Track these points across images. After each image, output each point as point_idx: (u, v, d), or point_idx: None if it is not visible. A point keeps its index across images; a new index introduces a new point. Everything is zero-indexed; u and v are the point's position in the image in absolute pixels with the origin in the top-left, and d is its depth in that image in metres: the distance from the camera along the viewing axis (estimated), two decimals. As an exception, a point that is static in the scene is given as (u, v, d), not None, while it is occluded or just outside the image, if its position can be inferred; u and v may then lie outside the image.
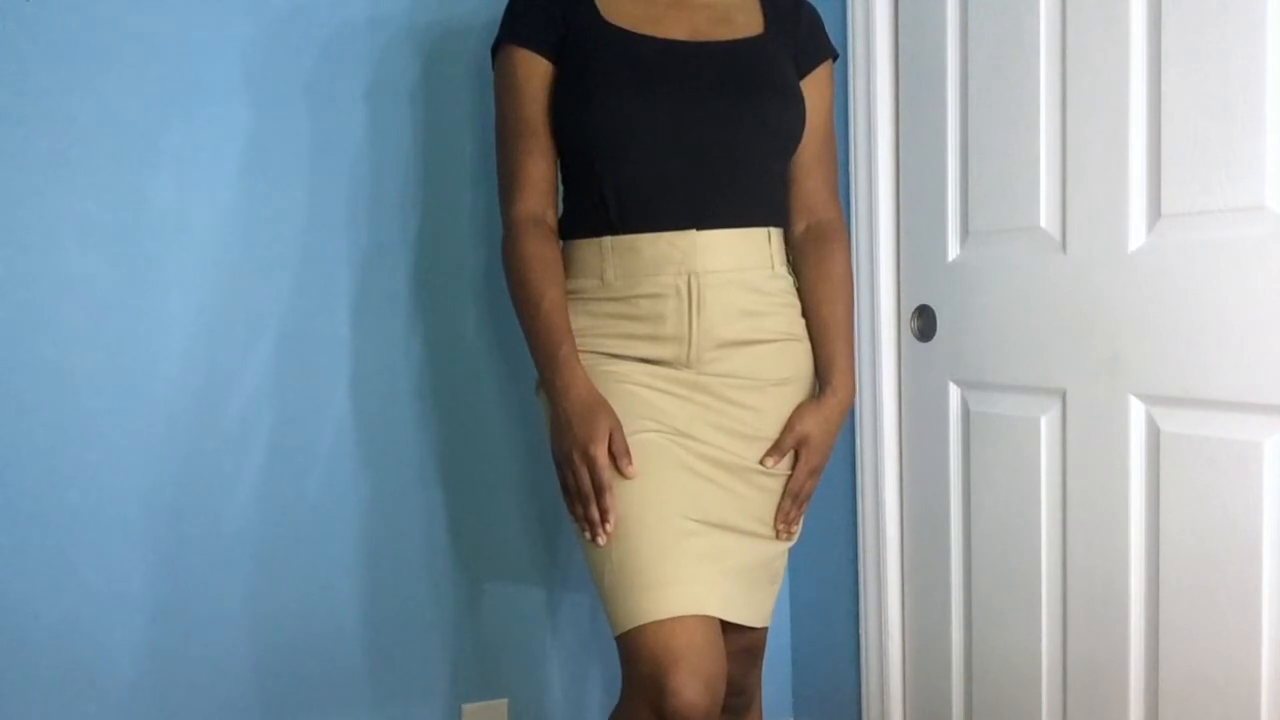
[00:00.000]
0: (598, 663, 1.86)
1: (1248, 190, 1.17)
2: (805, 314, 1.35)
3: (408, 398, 1.70)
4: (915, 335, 1.67)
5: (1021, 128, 1.44)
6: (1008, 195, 1.47)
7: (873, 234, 1.70)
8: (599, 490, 1.17)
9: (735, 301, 1.26)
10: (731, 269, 1.26)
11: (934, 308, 1.63)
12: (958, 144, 1.56)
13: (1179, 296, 1.25)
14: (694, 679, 1.10)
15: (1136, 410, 1.32)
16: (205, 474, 1.60)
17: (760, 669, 1.45)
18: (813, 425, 1.29)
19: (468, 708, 1.76)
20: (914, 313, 1.67)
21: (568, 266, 1.31)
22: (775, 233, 1.32)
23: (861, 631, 1.80)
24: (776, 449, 1.28)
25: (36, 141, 1.48)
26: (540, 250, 1.26)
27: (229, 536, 1.62)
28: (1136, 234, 1.30)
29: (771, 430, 1.29)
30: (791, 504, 1.30)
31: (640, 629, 1.13)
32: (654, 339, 1.25)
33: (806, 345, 1.34)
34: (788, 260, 1.36)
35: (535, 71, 1.28)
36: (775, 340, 1.30)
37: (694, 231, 1.24)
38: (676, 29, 1.28)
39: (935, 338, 1.62)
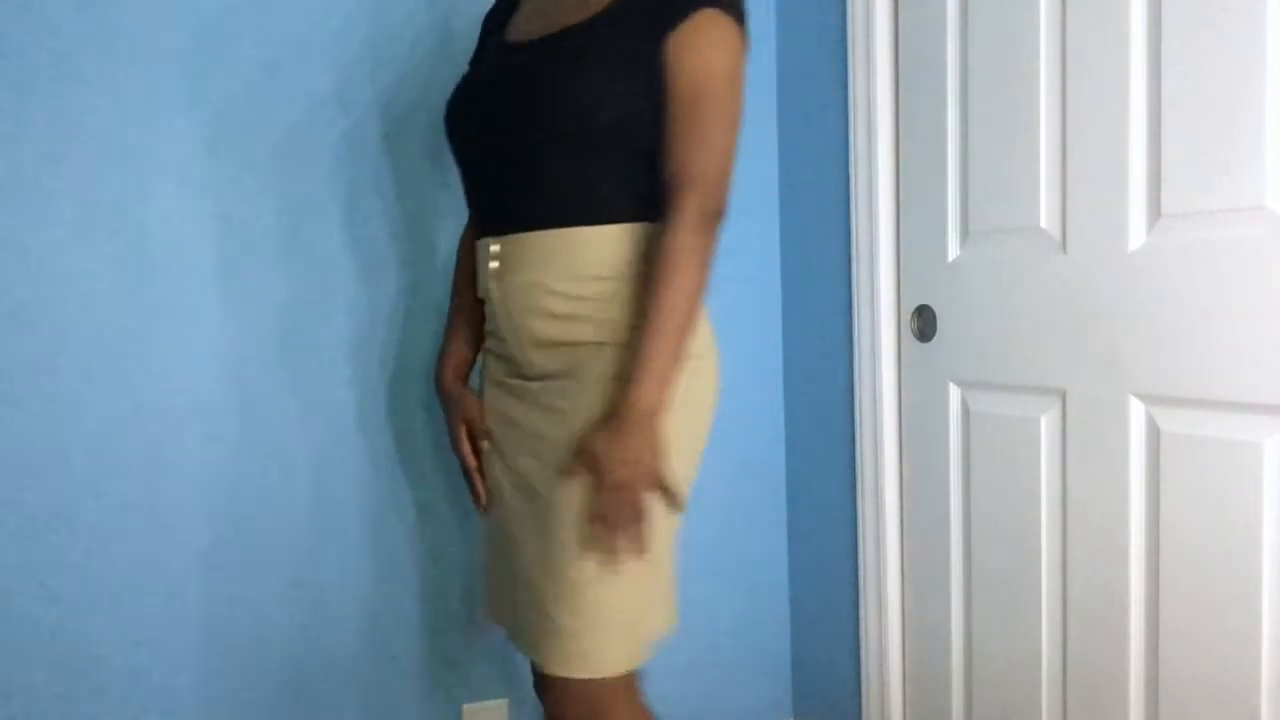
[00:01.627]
0: (598, 663, 1.86)
1: (1248, 190, 1.17)
2: None
3: (408, 397, 1.70)
4: (915, 335, 1.67)
5: (1021, 128, 1.44)
6: (1008, 195, 1.47)
7: (873, 234, 1.70)
8: (466, 472, 1.35)
9: (540, 306, 1.21)
10: (531, 274, 1.20)
11: (934, 308, 1.62)
12: (958, 144, 1.56)
13: (1179, 296, 1.25)
14: None
15: (1136, 410, 1.32)
16: (202, 472, 1.60)
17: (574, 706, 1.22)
18: (598, 442, 1.14)
19: (468, 708, 1.76)
20: (914, 313, 1.67)
21: None
22: (597, 232, 1.19)
23: (861, 631, 1.80)
24: (565, 469, 1.18)
25: (39, 140, 1.48)
26: (464, 252, 1.44)
27: (228, 535, 1.62)
28: (1136, 234, 1.30)
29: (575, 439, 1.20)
30: (596, 527, 1.14)
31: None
32: (495, 335, 1.31)
33: (622, 351, 1.20)
34: (632, 258, 1.22)
35: None
36: (589, 344, 1.21)
37: (502, 237, 1.24)
38: (530, 30, 1.27)
39: (935, 338, 1.62)
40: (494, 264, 1.25)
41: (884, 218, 1.69)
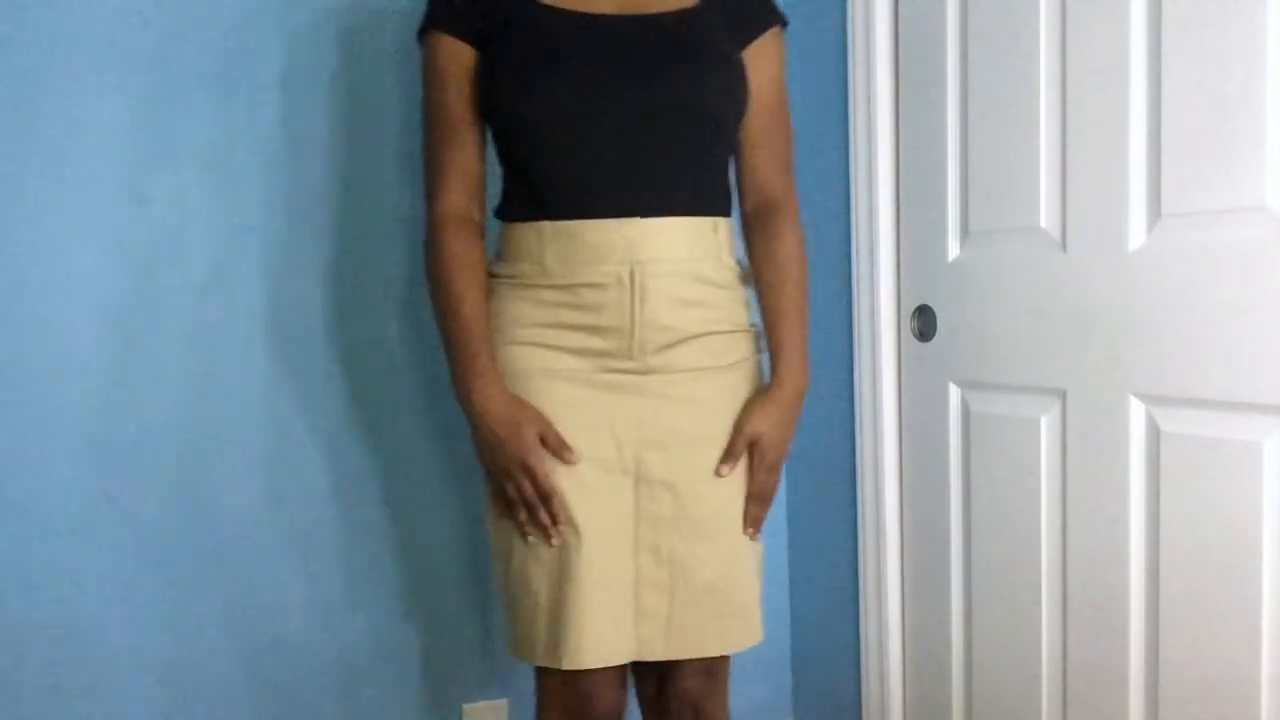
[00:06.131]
0: (598, 663, 1.85)
1: (1248, 190, 1.17)
2: (757, 300, 1.30)
3: (409, 392, 1.70)
4: (915, 335, 1.67)
5: (1021, 128, 1.44)
6: (1008, 195, 1.47)
7: (873, 234, 1.70)
8: (544, 498, 1.17)
9: (680, 292, 1.21)
10: (677, 258, 1.21)
11: (934, 308, 1.63)
12: (958, 144, 1.56)
13: (1179, 296, 1.25)
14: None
15: (1136, 410, 1.32)
16: (205, 470, 1.60)
17: (723, 690, 1.34)
18: (763, 423, 1.24)
19: (468, 708, 1.76)
20: (914, 313, 1.67)
21: (506, 250, 1.26)
22: (722, 222, 1.26)
23: (861, 631, 1.80)
24: (729, 455, 1.23)
25: (35, 140, 1.49)
26: (461, 250, 1.22)
27: (230, 533, 1.61)
28: (1136, 234, 1.30)
29: (718, 427, 1.24)
30: (757, 506, 1.26)
31: (555, 672, 1.20)
32: (594, 330, 1.21)
33: (755, 335, 1.30)
34: (736, 249, 1.30)
35: (457, 58, 1.23)
36: (724, 332, 1.25)
37: (638, 219, 1.20)
38: (604, 3, 1.22)
39: (935, 338, 1.62)
40: (638, 245, 1.19)
41: (884, 218, 1.69)
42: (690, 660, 1.28)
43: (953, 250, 1.59)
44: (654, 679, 1.33)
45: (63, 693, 1.53)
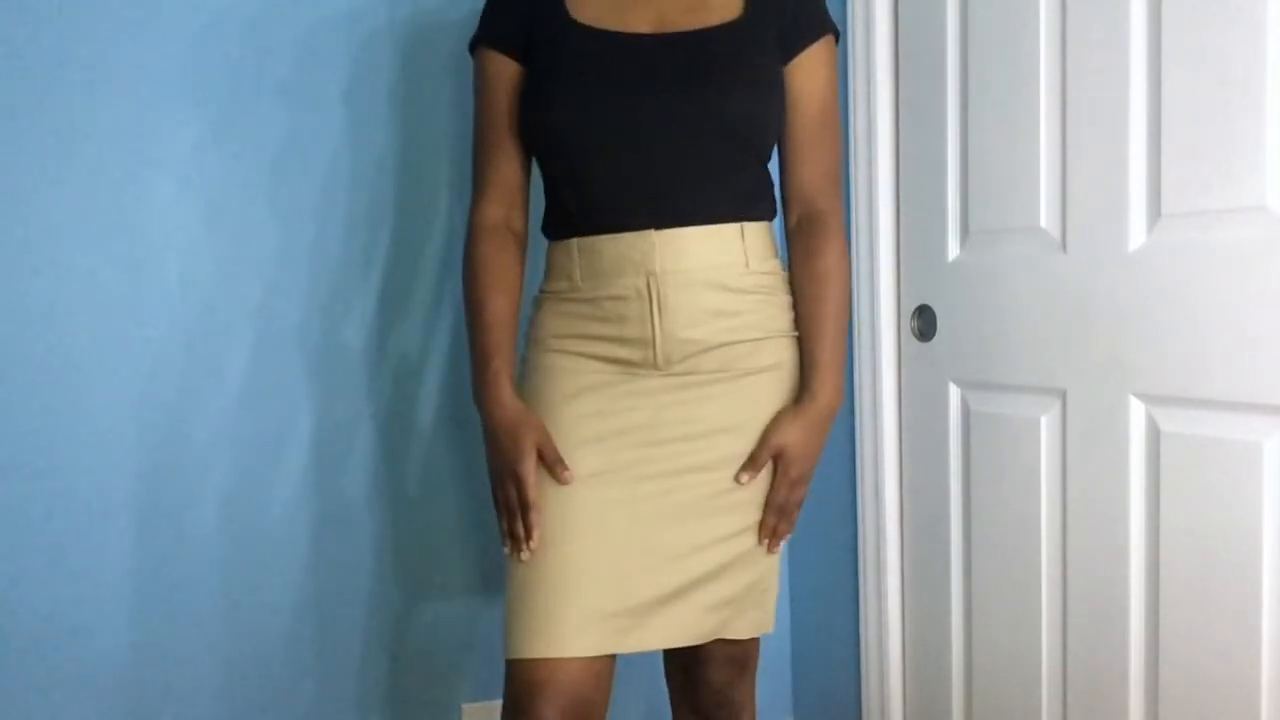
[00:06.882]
0: (598, 663, 1.86)
1: (1248, 190, 1.17)
2: (796, 312, 1.29)
3: (414, 395, 1.70)
4: (915, 335, 1.67)
5: (1021, 128, 1.44)
6: (1008, 195, 1.47)
7: (873, 234, 1.70)
8: (524, 507, 1.18)
9: (701, 302, 1.21)
10: (696, 268, 1.21)
11: (934, 308, 1.63)
12: (958, 144, 1.56)
13: (1179, 296, 1.25)
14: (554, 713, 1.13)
15: (1136, 410, 1.32)
16: (205, 472, 1.60)
17: (750, 680, 1.38)
18: (789, 436, 1.24)
19: (467, 708, 1.76)
20: (914, 313, 1.67)
21: (547, 267, 1.30)
22: (752, 227, 1.25)
23: (861, 631, 1.80)
24: (751, 464, 1.23)
25: (34, 141, 1.49)
26: (492, 258, 1.26)
27: (232, 531, 1.62)
28: (1136, 234, 1.30)
29: (740, 419, 1.24)
30: (776, 518, 1.25)
31: (516, 661, 1.16)
32: (620, 340, 1.23)
33: (793, 340, 1.29)
34: (778, 254, 1.30)
35: (502, 72, 1.27)
36: (753, 340, 1.25)
37: (652, 231, 1.20)
38: (640, 21, 1.23)
39: (935, 338, 1.62)
40: (653, 257, 1.20)
41: (884, 218, 1.69)
42: (719, 651, 1.30)
43: (953, 250, 1.59)
44: (681, 670, 1.37)
45: (78, 690, 1.53)
